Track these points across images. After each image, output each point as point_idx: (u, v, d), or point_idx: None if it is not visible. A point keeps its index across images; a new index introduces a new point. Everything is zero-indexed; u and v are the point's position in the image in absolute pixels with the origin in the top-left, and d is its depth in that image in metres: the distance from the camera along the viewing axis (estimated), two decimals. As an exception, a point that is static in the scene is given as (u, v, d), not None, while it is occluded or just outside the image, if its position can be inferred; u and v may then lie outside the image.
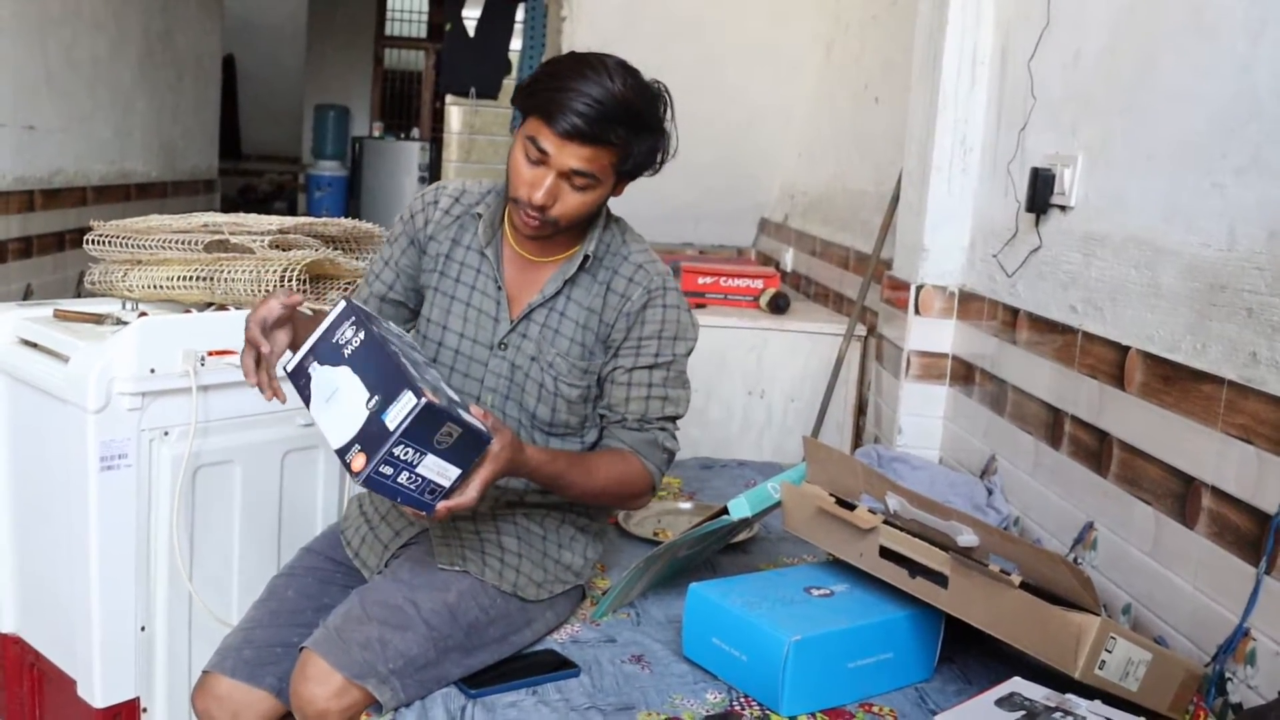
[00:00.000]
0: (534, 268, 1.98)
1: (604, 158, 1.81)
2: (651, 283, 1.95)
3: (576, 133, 1.76)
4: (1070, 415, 2.23)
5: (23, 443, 2.38)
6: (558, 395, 1.95)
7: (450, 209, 2.02)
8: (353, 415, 1.57)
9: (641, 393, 1.96)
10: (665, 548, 2.01)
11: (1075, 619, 1.59)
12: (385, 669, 1.70)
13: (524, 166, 1.82)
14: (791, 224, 4.82)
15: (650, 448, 1.97)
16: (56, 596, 2.32)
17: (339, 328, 1.64)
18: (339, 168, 10.59)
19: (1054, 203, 2.38)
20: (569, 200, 1.83)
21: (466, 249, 2.00)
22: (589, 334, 1.95)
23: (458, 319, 1.99)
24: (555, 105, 1.76)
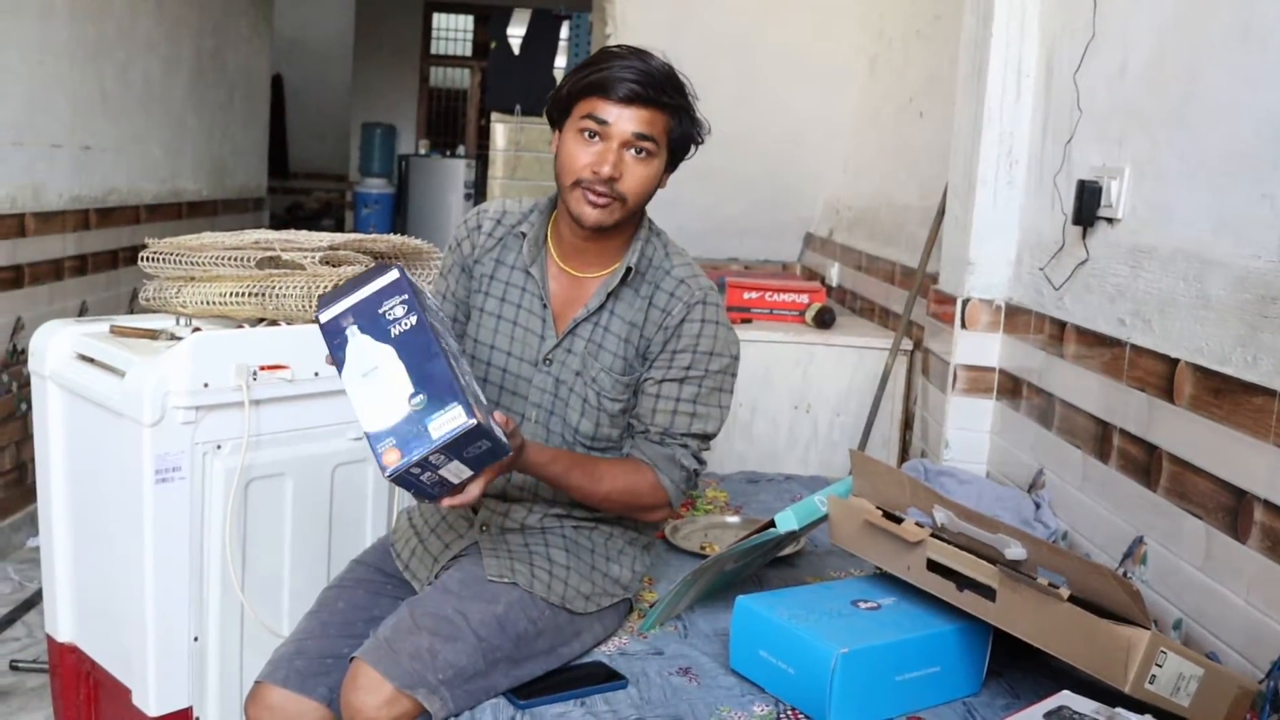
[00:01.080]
0: (578, 283, 2.00)
1: (660, 122, 1.87)
2: (692, 297, 1.96)
3: (634, 96, 1.84)
4: (1119, 429, 2.22)
5: (80, 456, 2.42)
6: (600, 409, 1.97)
7: (493, 231, 2.06)
8: (392, 403, 1.56)
9: (668, 406, 1.97)
10: (712, 561, 2.02)
11: (1125, 633, 1.58)
12: (435, 679, 1.72)
13: (581, 148, 1.87)
14: (836, 238, 4.82)
15: (668, 463, 1.96)
16: (112, 607, 2.36)
17: (388, 299, 1.61)
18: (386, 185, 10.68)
19: (1101, 215, 2.37)
20: (634, 171, 1.88)
21: (511, 268, 2.03)
22: (630, 348, 1.97)
23: (504, 338, 2.01)
24: (608, 79, 1.85)
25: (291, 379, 2.33)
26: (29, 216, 4.03)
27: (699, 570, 2.01)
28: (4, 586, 3.68)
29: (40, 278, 4.15)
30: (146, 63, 5.12)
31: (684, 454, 1.97)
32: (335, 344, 1.62)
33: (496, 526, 2.01)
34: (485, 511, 2.02)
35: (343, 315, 1.63)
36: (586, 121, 1.86)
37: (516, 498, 2.01)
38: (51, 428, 2.44)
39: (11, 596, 3.65)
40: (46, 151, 4.13)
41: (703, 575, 2.03)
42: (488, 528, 2.01)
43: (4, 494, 3.98)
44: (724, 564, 2.07)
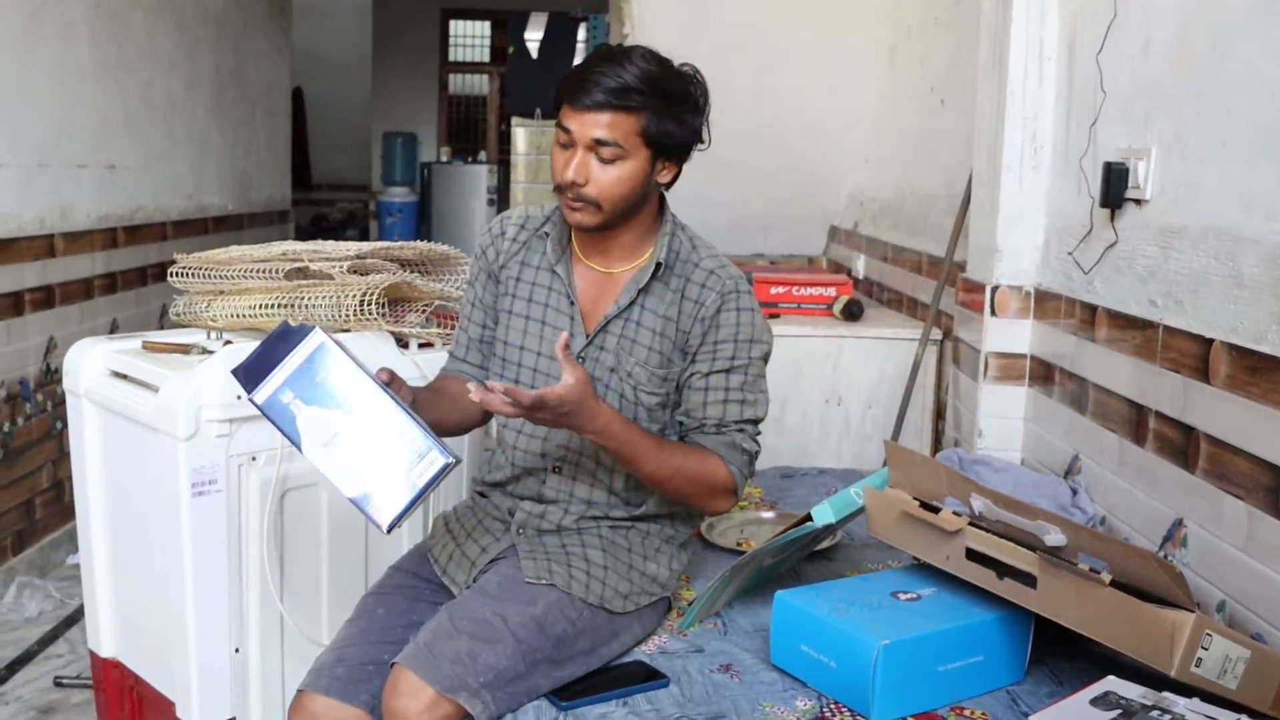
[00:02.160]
0: (605, 280, 2.01)
1: (625, 124, 1.87)
2: (725, 287, 1.97)
3: (593, 102, 1.85)
4: (1154, 411, 2.20)
5: (116, 472, 2.44)
6: (638, 404, 1.97)
7: (517, 236, 2.08)
8: (365, 464, 1.58)
9: (719, 397, 1.98)
10: (750, 557, 2.01)
11: (1169, 616, 1.57)
12: (476, 682, 1.72)
13: (557, 153, 1.92)
14: (862, 230, 4.80)
15: (730, 450, 1.98)
16: (153, 621, 2.38)
17: (322, 364, 1.61)
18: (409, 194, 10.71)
19: (1129, 196, 2.35)
20: (601, 176, 1.89)
21: (536, 269, 2.05)
22: (666, 341, 1.98)
23: (534, 338, 2.02)
24: (573, 87, 1.87)
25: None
26: (58, 237, 4.06)
27: (736, 567, 2.00)
28: (46, 604, 3.71)
29: (71, 297, 4.18)
30: (168, 81, 5.15)
31: (743, 438, 1.99)
32: (282, 421, 1.62)
33: (533, 529, 2.01)
34: (521, 514, 2.02)
35: (280, 391, 1.62)
36: (560, 131, 1.91)
37: (553, 499, 2.02)
38: (88, 445, 2.46)
39: (54, 614, 3.68)
40: (73, 172, 4.17)
41: (740, 571, 2.03)
42: (524, 530, 2.01)
43: (42, 512, 4.02)
44: (761, 559, 2.06)
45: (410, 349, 2.51)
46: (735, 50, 4.85)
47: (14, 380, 3.80)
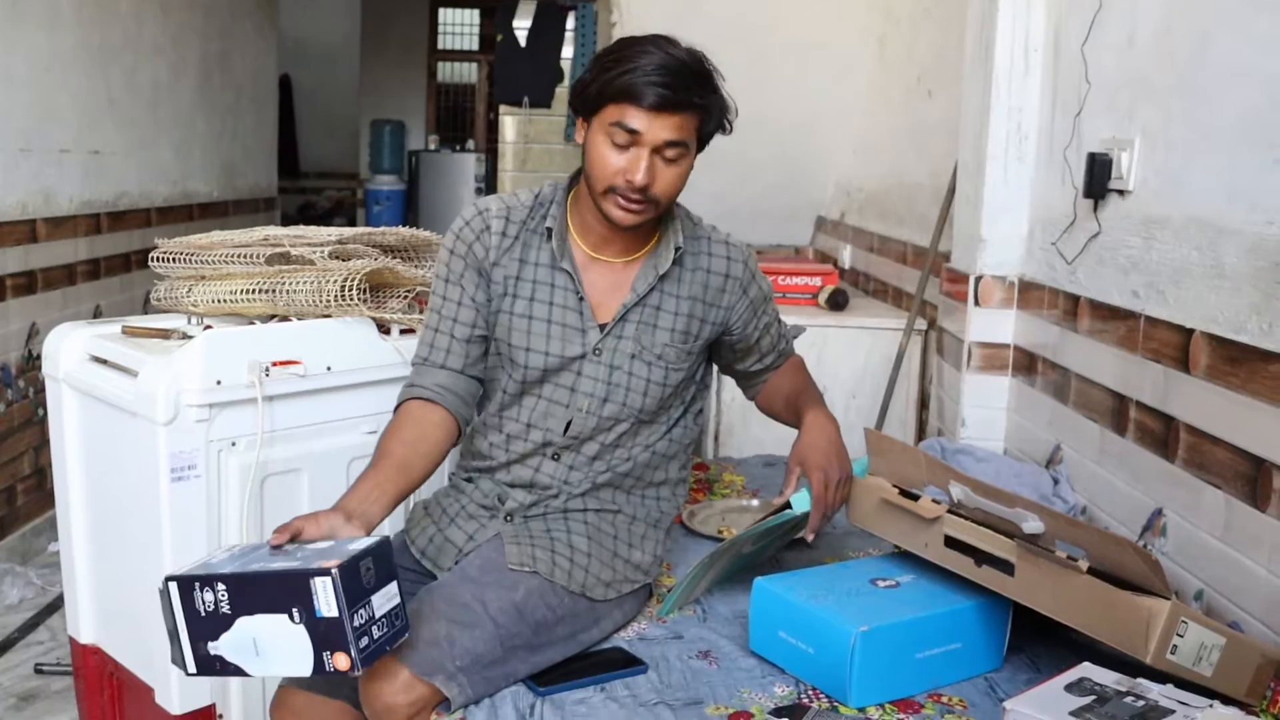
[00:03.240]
0: (614, 270, 2.00)
1: (690, 123, 1.86)
2: (742, 254, 2.10)
3: (664, 103, 1.81)
4: (1135, 401, 2.20)
5: (95, 457, 2.43)
6: (665, 384, 2.01)
7: (505, 230, 2.00)
8: (293, 642, 1.51)
9: (770, 343, 2.21)
10: (729, 544, 2.01)
11: (1145, 603, 1.57)
12: (452, 666, 1.72)
13: (613, 155, 1.85)
14: (848, 221, 4.80)
15: (790, 361, 2.29)
16: (132, 607, 2.36)
17: (192, 600, 1.54)
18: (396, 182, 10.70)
19: (1112, 187, 2.36)
20: (665, 176, 1.87)
21: (536, 266, 2.00)
22: (693, 320, 2.02)
23: (540, 338, 1.98)
24: (635, 84, 1.80)
25: (304, 374, 2.33)
26: (40, 222, 4.04)
27: (716, 553, 2.00)
28: (27, 591, 3.69)
29: (53, 283, 4.16)
30: (153, 67, 5.13)
31: (789, 346, 2.29)
32: (222, 669, 1.56)
33: (521, 516, 2.01)
34: (512, 503, 2.01)
35: (195, 648, 1.56)
36: (616, 130, 1.83)
37: (545, 485, 2.01)
38: (67, 430, 2.45)
39: (35, 601, 3.67)
40: (55, 157, 4.15)
41: (720, 558, 2.03)
42: (512, 517, 2.01)
43: (24, 499, 4.00)
44: (741, 546, 2.06)
45: (392, 335, 2.50)
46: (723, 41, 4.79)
47: (-4, 366, 3.78)
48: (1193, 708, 1.45)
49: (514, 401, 2.02)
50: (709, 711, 1.68)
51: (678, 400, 2.07)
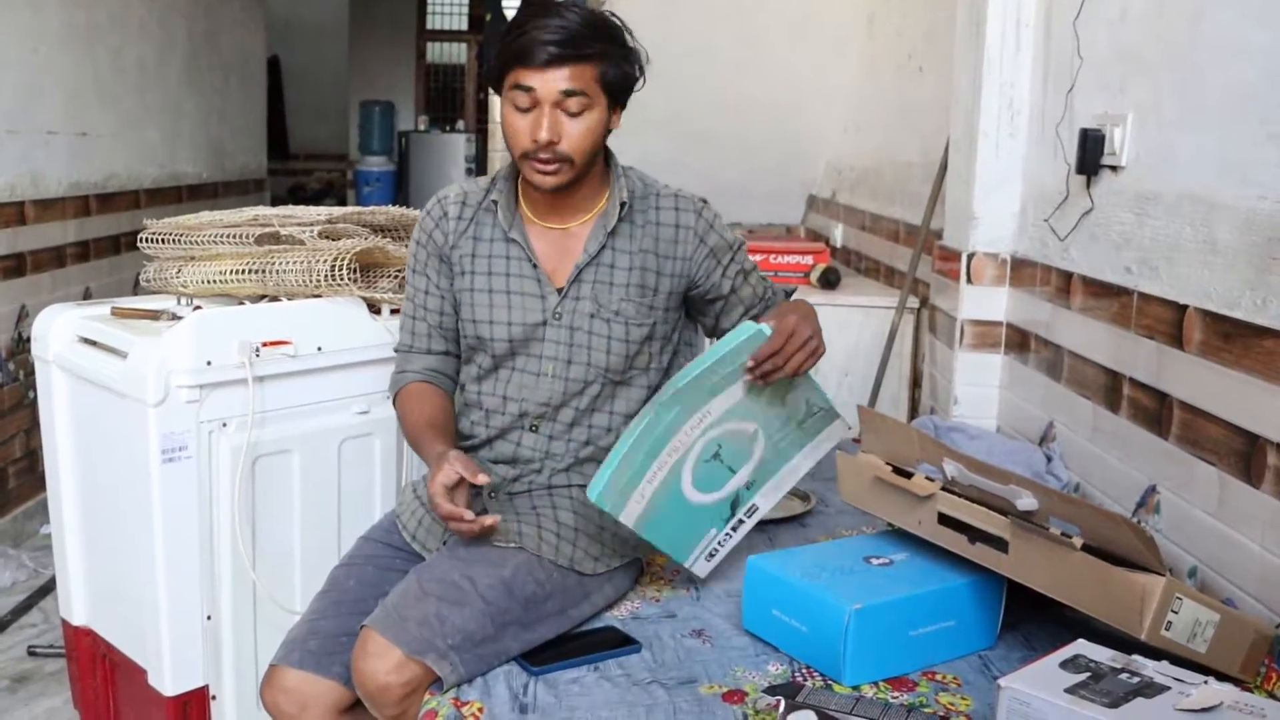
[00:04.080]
0: (564, 236, 2.01)
1: (586, 73, 1.87)
2: (696, 206, 2.06)
3: (553, 57, 1.84)
4: (1128, 378, 2.20)
5: (86, 439, 2.42)
6: (627, 340, 1.99)
7: (460, 214, 2.06)
8: None
9: (753, 293, 2.12)
10: (669, 386, 1.89)
11: (1139, 580, 1.57)
12: (444, 644, 1.71)
13: (517, 119, 1.89)
14: (840, 199, 4.79)
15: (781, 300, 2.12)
16: (125, 589, 2.36)
17: None
18: (386, 163, 10.66)
19: (1105, 163, 2.35)
20: (572, 130, 1.88)
21: (491, 241, 2.03)
22: (647, 274, 2.00)
23: (502, 310, 2.01)
24: (524, 45, 1.85)
25: (294, 354, 2.32)
26: (28, 204, 4.02)
27: (661, 403, 1.85)
28: (20, 574, 3.69)
29: (42, 265, 4.14)
30: (140, 47, 5.09)
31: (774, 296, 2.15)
32: None
33: (505, 491, 2.00)
34: (495, 477, 2.01)
35: None
36: (515, 93, 1.87)
37: (528, 459, 2.02)
38: (57, 412, 2.44)
39: (27, 583, 3.66)
40: (43, 139, 4.12)
41: (668, 410, 1.86)
42: (495, 494, 2.00)
43: (16, 482, 3.99)
44: (699, 381, 1.89)
45: (382, 315, 2.49)
46: (713, 20, 4.83)
47: (-15, 348, 3.77)
48: (1188, 684, 1.45)
49: (488, 376, 2.04)
50: (703, 690, 1.68)
51: (650, 360, 2.04)
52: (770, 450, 1.99)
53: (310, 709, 1.86)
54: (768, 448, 1.99)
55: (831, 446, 2.06)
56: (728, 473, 1.96)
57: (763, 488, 2.01)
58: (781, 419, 1.98)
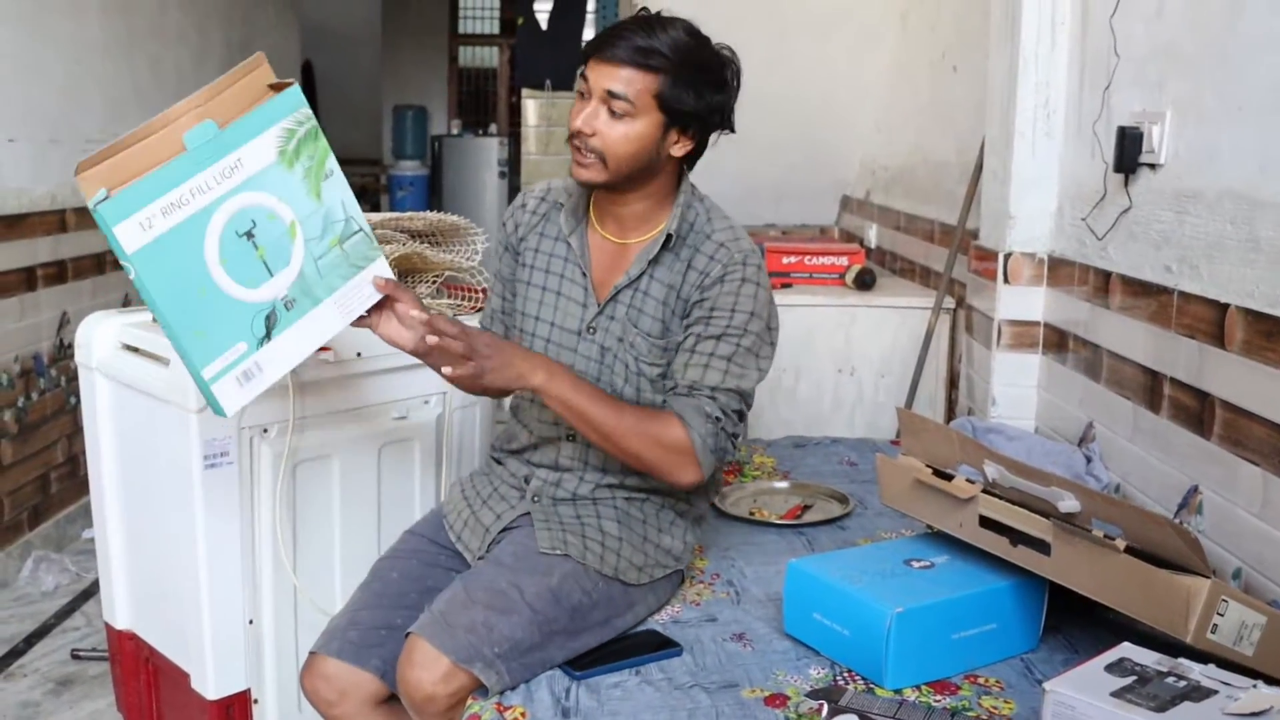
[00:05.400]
0: (620, 251, 2.00)
1: (640, 82, 1.86)
2: (730, 259, 1.93)
3: (613, 56, 1.86)
4: (1169, 378, 2.19)
5: (129, 445, 2.45)
6: (640, 375, 1.97)
7: (536, 208, 2.09)
8: None
9: (701, 361, 1.92)
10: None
11: (1185, 582, 1.56)
12: (491, 653, 1.72)
13: (576, 105, 1.91)
14: (874, 199, 4.78)
15: (694, 413, 1.88)
16: (167, 593, 2.38)
17: None
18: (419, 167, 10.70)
19: (1143, 161, 2.33)
20: (609, 130, 1.88)
21: (554, 240, 2.05)
22: (668, 310, 1.96)
23: (548, 309, 2.02)
24: (603, 37, 1.88)
25: (334, 360, 2.33)
26: (69, 212, 4.06)
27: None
28: (62, 577, 3.72)
29: (83, 272, 4.18)
30: (177, 55, 5.14)
31: (710, 404, 1.89)
32: None
33: (548, 497, 2.01)
34: (537, 481, 2.02)
35: None
36: (580, 80, 1.91)
37: (568, 467, 2.02)
38: (100, 418, 2.47)
39: (70, 587, 3.70)
40: (84, 147, 4.16)
41: None
42: (539, 498, 2.01)
43: (58, 487, 4.03)
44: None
45: (421, 320, 2.50)
46: (746, 18, 4.82)
47: (28, 356, 3.81)
48: (1235, 688, 1.44)
49: None
50: (744, 694, 1.68)
51: (662, 397, 1.97)
52: (310, 265, 1.78)
53: (348, 698, 1.88)
54: (307, 260, 1.77)
55: (372, 298, 1.81)
56: (263, 269, 1.74)
57: (301, 317, 1.77)
58: (320, 221, 1.80)
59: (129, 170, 1.67)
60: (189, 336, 1.68)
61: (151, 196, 1.65)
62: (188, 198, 1.67)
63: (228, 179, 1.70)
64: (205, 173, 1.69)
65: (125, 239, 1.63)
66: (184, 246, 1.67)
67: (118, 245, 1.63)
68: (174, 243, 1.66)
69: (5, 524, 3.70)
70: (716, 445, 1.90)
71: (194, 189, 1.67)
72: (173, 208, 1.66)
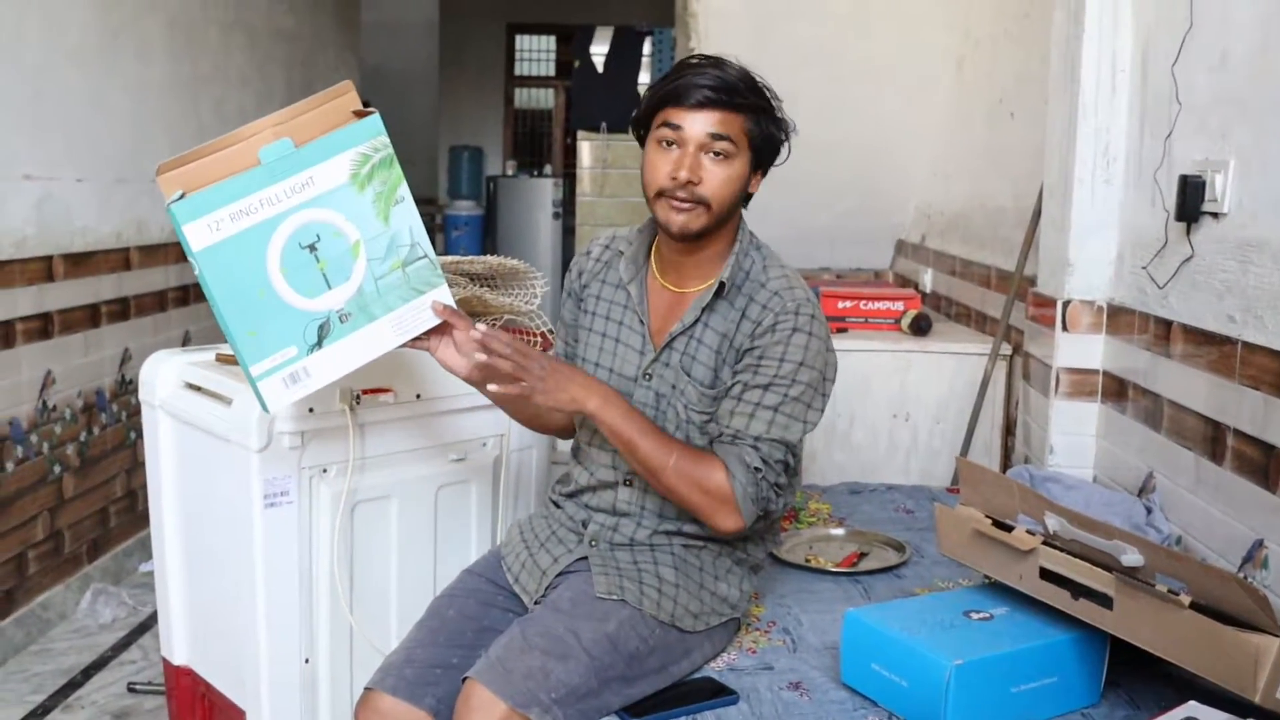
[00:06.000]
0: (678, 299, 2.01)
1: (735, 122, 1.89)
2: (784, 308, 1.92)
3: (707, 100, 1.87)
4: (1232, 429, 2.16)
5: (190, 482, 2.48)
6: (689, 423, 1.97)
7: (600, 255, 2.12)
8: None
9: (747, 410, 1.91)
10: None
11: (1252, 640, 1.53)
12: (548, 698, 1.72)
13: (659, 156, 1.91)
14: (929, 244, 4.76)
15: (736, 462, 1.88)
16: (225, 629, 2.40)
17: None
18: (475, 207, 10.78)
19: (1205, 210, 2.32)
20: (712, 175, 1.89)
21: (615, 287, 2.07)
22: (720, 359, 1.96)
23: (607, 355, 2.04)
24: (681, 87, 1.88)
25: (394, 402, 2.36)
26: (134, 250, 4.14)
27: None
28: (120, 611, 3.76)
29: (145, 309, 4.25)
30: (240, 96, 5.23)
31: (752, 454, 1.88)
32: None
33: (605, 541, 2.01)
34: (595, 525, 2.03)
35: None
36: (663, 130, 1.90)
37: (625, 512, 2.02)
38: (162, 455, 2.50)
39: (127, 620, 3.74)
40: (148, 187, 4.24)
41: None
42: (597, 542, 2.01)
43: (117, 521, 4.08)
44: None
45: (479, 362, 2.52)
46: (802, 63, 4.84)
47: (91, 391, 3.87)
48: (1303, 748, 1.41)
49: (593, 426, 2.04)
50: (801, 744, 1.67)
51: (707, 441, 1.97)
52: (370, 283, 1.85)
53: None
54: (368, 278, 1.85)
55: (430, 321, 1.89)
56: (322, 281, 1.82)
57: (355, 330, 1.86)
58: (385, 243, 1.86)
59: (206, 176, 1.78)
60: (242, 335, 1.79)
61: (223, 202, 1.77)
62: (256, 206, 1.78)
63: (298, 194, 1.81)
64: (276, 186, 1.80)
65: (193, 237, 1.76)
66: (248, 251, 1.78)
67: (186, 242, 1.76)
68: (238, 246, 1.77)
69: (65, 556, 3.75)
70: (758, 495, 1.90)
71: (264, 199, 1.79)
72: (241, 214, 1.77)
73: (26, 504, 3.51)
